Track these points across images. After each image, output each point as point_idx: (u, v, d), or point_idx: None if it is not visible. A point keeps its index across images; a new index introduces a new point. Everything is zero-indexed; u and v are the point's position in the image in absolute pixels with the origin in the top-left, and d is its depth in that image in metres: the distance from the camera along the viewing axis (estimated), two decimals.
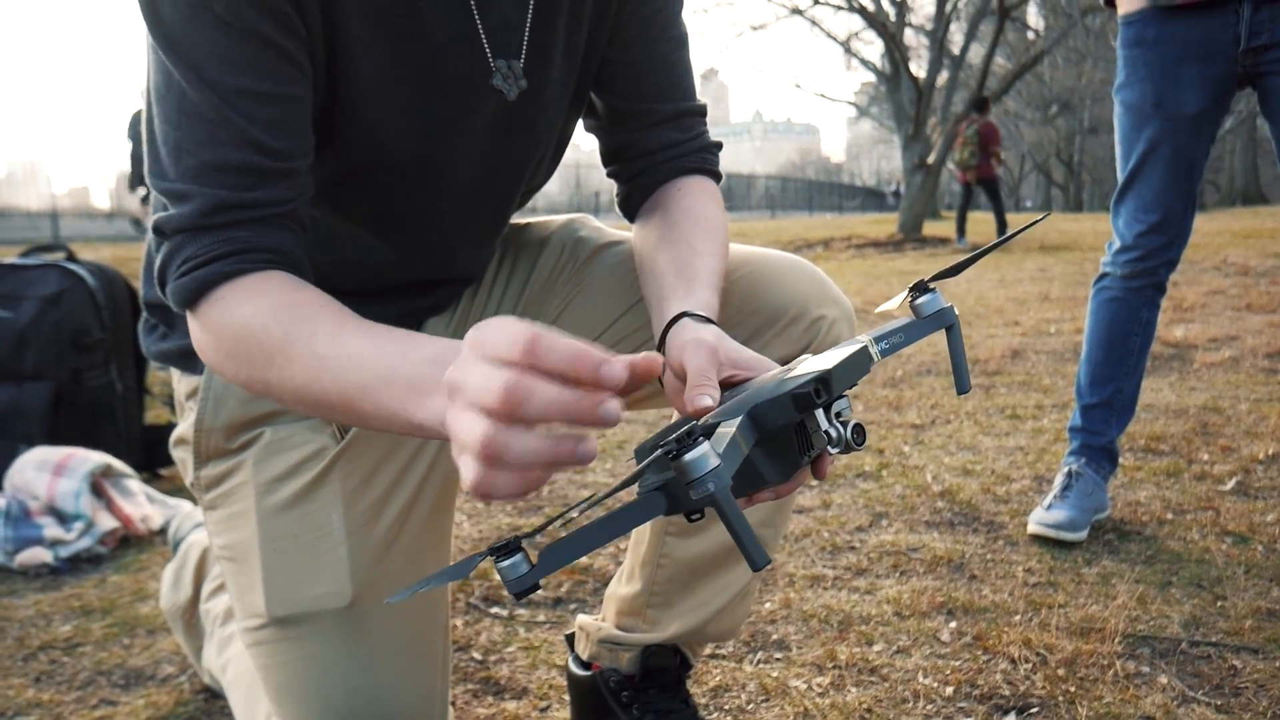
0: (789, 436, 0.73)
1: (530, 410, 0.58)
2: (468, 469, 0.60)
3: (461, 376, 0.62)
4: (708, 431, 0.64)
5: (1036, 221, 0.88)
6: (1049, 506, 2.06)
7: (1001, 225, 12.60)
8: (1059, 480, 2.13)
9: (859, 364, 0.73)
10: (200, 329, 0.86)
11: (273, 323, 0.81)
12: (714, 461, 0.62)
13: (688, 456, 0.62)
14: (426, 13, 0.93)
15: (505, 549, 0.64)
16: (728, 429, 0.68)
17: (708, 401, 0.76)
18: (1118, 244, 2.12)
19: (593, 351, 0.59)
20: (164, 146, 0.84)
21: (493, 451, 0.59)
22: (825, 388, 0.69)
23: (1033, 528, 2.04)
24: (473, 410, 0.60)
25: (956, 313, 0.81)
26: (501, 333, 0.60)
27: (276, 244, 0.85)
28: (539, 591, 1.84)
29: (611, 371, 0.58)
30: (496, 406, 0.58)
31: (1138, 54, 2.03)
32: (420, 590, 0.64)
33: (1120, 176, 2.10)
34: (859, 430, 0.73)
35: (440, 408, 0.68)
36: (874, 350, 0.77)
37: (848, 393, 0.76)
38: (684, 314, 0.92)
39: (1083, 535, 2.01)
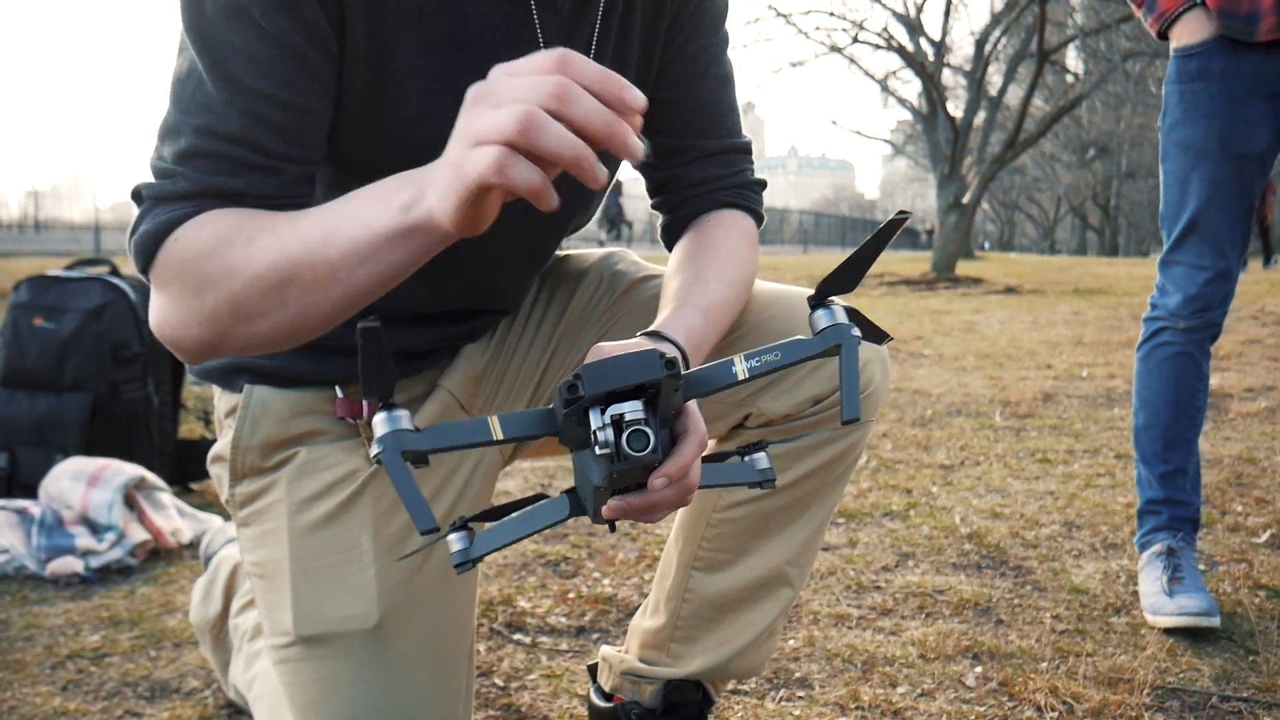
0: (584, 435, 0.74)
1: (575, 110, 0.63)
2: (487, 155, 0.64)
3: (496, 86, 0.66)
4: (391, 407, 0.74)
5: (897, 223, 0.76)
6: (1171, 594, 1.82)
7: None
8: (1161, 561, 1.90)
9: (642, 365, 0.71)
10: (162, 287, 0.85)
11: (232, 232, 0.82)
12: (384, 429, 0.73)
13: (376, 417, 0.73)
14: (483, 44, 0.95)
15: (457, 526, 0.77)
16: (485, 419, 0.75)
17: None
18: (1178, 295, 1.92)
19: (618, 76, 0.65)
20: (165, 124, 0.87)
21: (529, 125, 0.63)
22: (578, 383, 0.71)
23: (1165, 620, 1.79)
24: (509, 105, 0.64)
25: (855, 332, 0.75)
26: (534, 56, 0.66)
27: (246, 206, 0.86)
28: (562, 620, 1.84)
29: (635, 95, 0.65)
30: (547, 101, 0.63)
31: (1201, 88, 1.86)
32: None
33: (1175, 221, 1.92)
34: (637, 436, 0.71)
35: (417, 192, 0.73)
36: (741, 367, 0.76)
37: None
38: (650, 331, 0.93)
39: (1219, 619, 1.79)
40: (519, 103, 0.64)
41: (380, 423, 0.73)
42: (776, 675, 1.63)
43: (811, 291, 1.20)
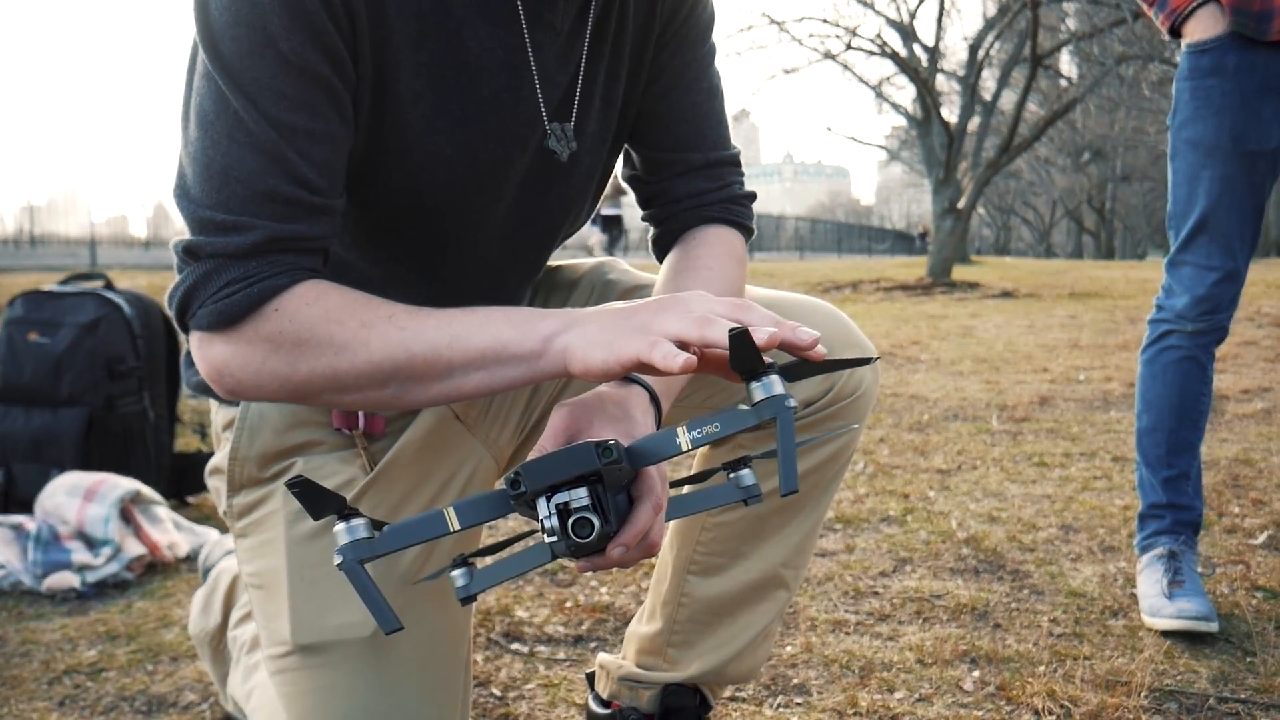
0: (532, 517, 0.79)
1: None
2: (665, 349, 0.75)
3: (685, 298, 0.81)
4: (352, 515, 0.79)
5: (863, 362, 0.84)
6: (1171, 596, 1.81)
7: None
8: (1162, 564, 1.89)
9: (578, 457, 0.76)
10: (244, 344, 0.85)
11: (346, 315, 0.84)
12: (345, 539, 0.78)
13: (336, 528, 0.78)
14: (480, 68, 0.95)
15: (459, 562, 0.82)
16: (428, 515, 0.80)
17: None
18: (1185, 297, 1.89)
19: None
20: (205, 169, 0.84)
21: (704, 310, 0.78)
22: (519, 479, 0.76)
23: (1163, 623, 1.78)
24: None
25: (793, 403, 0.76)
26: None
27: (314, 265, 0.89)
28: (560, 629, 1.84)
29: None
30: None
31: (1214, 85, 1.83)
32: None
33: (1183, 221, 1.89)
34: (581, 523, 0.76)
35: (554, 327, 0.81)
36: (684, 438, 0.77)
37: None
38: None
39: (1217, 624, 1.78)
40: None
41: (340, 533, 0.79)
42: (774, 681, 1.63)
43: (803, 295, 1.21)
